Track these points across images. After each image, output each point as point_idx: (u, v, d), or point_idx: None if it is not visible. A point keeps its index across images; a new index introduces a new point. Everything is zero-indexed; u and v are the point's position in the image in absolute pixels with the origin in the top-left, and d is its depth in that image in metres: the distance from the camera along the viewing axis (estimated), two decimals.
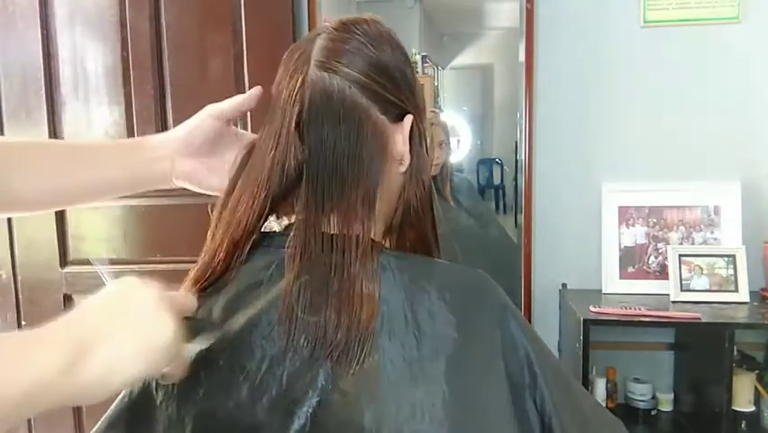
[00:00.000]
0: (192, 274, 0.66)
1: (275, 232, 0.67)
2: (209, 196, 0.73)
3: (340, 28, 0.63)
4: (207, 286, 0.65)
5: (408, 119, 0.64)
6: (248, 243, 0.64)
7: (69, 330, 0.47)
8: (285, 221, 0.68)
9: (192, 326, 0.57)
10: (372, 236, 0.62)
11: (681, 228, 1.75)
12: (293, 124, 0.62)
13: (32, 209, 0.73)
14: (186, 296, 0.59)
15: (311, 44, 0.63)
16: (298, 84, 0.62)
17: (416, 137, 0.65)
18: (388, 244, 0.68)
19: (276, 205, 0.64)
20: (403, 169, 0.65)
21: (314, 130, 0.61)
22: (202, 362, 0.59)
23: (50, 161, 0.70)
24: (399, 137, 0.64)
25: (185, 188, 0.75)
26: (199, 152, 0.73)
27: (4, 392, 0.41)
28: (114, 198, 0.77)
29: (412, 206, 0.66)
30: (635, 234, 1.77)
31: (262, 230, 0.66)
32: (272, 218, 0.67)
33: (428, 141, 0.68)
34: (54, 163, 0.70)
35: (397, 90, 0.63)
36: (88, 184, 0.72)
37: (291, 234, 0.61)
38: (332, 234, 0.60)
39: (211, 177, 0.73)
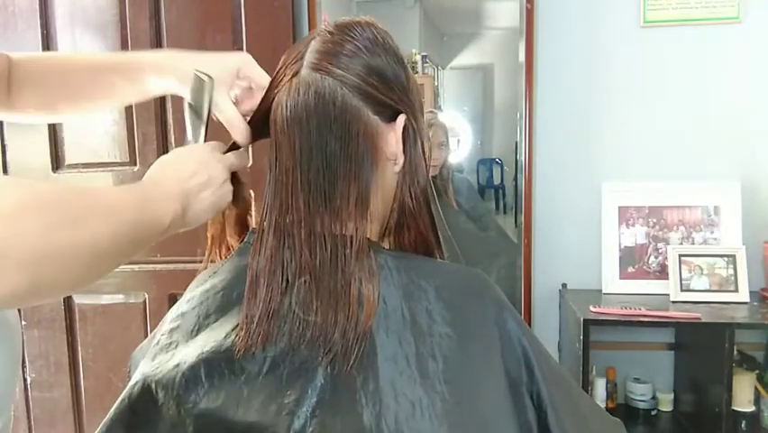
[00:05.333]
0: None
1: None
2: None
3: (335, 30, 0.64)
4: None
5: (401, 119, 0.64)
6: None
7: (179, 187, 0.64)
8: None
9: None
10: (368, 236, 0.62)
11: (681, 228, 1.75)
12: (285, 124, 0.62)
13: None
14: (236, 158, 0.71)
15: (306, 46, 0.64)
16: (291, 84, 0.62)
17: (410, 137, 0.65)
18: (387, 245, 0.68)
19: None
20: (397, 168, 0.65)
21: (306, 130, 0.61)
22: (203, 362, 0.60)
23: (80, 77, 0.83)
24: (392, 137, 0.64)
25: None
26: None
27: (153, 230, 0.59)
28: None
29: (407, 205, 0.66)
30: (635, 234, 1.77)
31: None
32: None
33: (425, 141, 0.68)
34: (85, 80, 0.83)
35: (390, 91, 0.64)
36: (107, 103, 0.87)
37: (285, 236, 0.62)
38: (325, 235, 0.60)
39: None
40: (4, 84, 0.80)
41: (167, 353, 0.64)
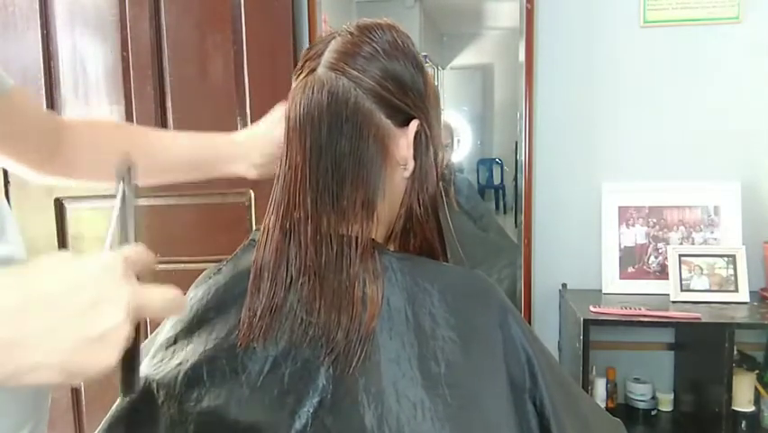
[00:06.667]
0: None
1: None
2: (208, 195, 0.74)
3: (355, 31, 0.63)
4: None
5: (414, 124, 0.64)
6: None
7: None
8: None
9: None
10: (374, 238, 0.62)
11: (681, 228, 1.75)
12: (297, 121, 0.62)
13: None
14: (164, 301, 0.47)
15: (326, 45, 0.63)
16: (307, 82, 0.62)
17: (423, 143, 0.65)
18: (392, 248, 0.68)
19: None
20: (407, 174, 0.65)
21: (317, 128, 0.61)
22: (205, 360, 0.60)
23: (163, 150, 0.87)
24: (404, 142, 0.64)
25: (182, 190, 0.78)
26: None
27: None
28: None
29: (415, 211, 0.66)
30: (635, 234, 1.77)
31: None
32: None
33: (439, 149, 0.67)
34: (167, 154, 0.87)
35: (405, 96, 0.63)
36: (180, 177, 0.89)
37: (291, 233, 0.61)
38: (331, 234, 0.60)
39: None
40: (52, 143, 0.76)
41: (167, 350, 0.64)
